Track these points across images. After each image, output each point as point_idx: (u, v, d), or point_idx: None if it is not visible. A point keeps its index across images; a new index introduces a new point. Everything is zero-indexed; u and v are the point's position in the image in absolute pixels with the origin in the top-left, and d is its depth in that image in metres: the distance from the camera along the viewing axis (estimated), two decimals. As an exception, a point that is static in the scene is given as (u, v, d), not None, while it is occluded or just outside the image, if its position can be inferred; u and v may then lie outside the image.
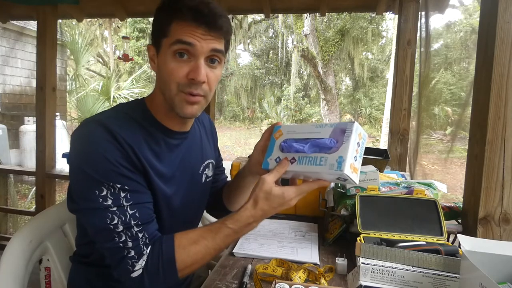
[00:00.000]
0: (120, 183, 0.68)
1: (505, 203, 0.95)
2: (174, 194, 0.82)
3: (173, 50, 0.72)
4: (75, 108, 6.61)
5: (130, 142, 0.71)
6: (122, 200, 0.68)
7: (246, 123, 17.00)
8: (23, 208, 4.23)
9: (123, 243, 0.68)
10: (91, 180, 0.67)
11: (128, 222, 0.68)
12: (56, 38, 2.34)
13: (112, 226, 0.67)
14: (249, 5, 2.30)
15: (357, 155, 0.63)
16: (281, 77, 17.21)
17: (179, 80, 0.73)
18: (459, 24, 13.34)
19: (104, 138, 0.69)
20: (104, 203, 0.67)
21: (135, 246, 0.68)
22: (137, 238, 0.69)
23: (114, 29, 13.10)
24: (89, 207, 0.69)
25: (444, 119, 12.42)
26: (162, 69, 0.75)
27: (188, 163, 0.87)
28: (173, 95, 0.74)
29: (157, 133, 0.79)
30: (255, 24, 15.27)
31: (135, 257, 0.68)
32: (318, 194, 1.35)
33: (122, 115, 0.76)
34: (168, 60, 0.73)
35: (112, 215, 0.67)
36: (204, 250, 0.72)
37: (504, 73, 0.92)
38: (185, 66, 0.73)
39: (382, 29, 14.68)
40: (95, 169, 0.68)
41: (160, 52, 0.75)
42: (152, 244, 0.70)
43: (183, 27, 0.72)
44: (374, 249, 0.75)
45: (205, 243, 0.72)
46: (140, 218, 0.70)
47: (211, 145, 1.03)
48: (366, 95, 16.37)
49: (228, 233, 0.73)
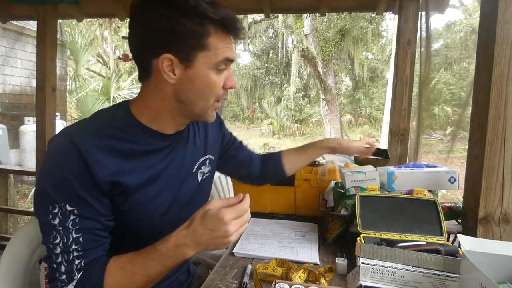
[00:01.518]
0: (72, 205, 0.66)
1: (505, 203, 0.95)
2: (159, 195, 0.79)
3: (217, 66, 0.72)
4: (75, 108, 6.61)
5: (100, 158, 0.68)
6: (69, 223, 0.66)
7: (246, 123, 16.99)
8: (23, 208, 4.23)
9: (57, 265, 0.66)
10: (47, 195, 0.66)
11: (68, 246, 0.66)
12: (56, 38, 2.33)
13: (52, 246, 0.66)
14: (249, 5, 2.30)
15: None
16: (281, 77, 17.21)
17: (218, 92, 0.75)
18: (459, 24, 13.34)
19: (70, 156, 0.67)
20: (52, 221, 0.66)
21: (68, 271, 0.67)
22: (72, 263, 0.67)
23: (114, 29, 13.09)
24: (40, 219, 0.68)
25: (444, 119, 12.42)
26: (199, 82, 0.73)
27: (179, 163, 0.84)
28: (209, 106, 0.76)
29: (142, 138, 0.76)
30: (255, 24, 15.26)
31: (65, 281, 0.66)
32: (318, 194, 1.35)
33: (99, 124, 0.73)
34: (210, 74, 0.73)
35: (56, 233, 0.66)
36: (129, 276, 0.67)
37: (504, 73, 0.92)
38: (222, 77, 0.75)
39: (382, 29, 14.68)
40: (53, 186, 0.66)
41: (193, 65, 0.71)
42: (85, 269, 0.68)
43: (222, 40, 0.71)
44: (374, 249, 0.75)
45: (131, 269, 0.67)
46: (82, 244, 0.67)
47: (210, 139, 0.98)
48: (366, 95, 16.36)
49: (154, 256, 0.66)
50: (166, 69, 0.71)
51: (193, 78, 0.72)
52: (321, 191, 1.35)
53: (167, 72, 0.71)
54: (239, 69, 17.54)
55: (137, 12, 0.72)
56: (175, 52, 0.70)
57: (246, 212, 0.68)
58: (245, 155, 1.14)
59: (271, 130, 13.70)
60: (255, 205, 1.42)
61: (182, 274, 0.98)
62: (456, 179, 1.14)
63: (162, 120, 0.78)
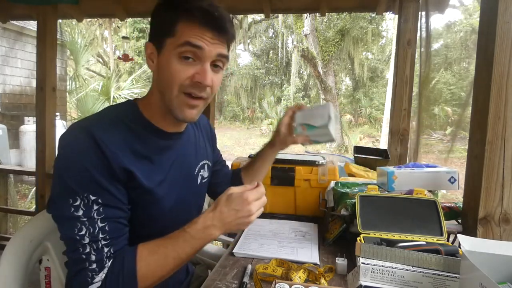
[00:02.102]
0: (95, 195, 0.67)
1: (505, 203, 0.95)
2: (166, 195, 0.81)
3: (179, 52, 0.71)
4: (75, 108, 6.61)
5: (115, 149, 0.69)
6: (93, 213, 0.67)
7: (246, 123, 16.99)
8: (23, 208, 4.23)
9: (86, 255, 0.66)
10: (67, 188, 0.67)
11: (95, 235, 0.67)
12: (56, 38, 2.33)
13: (78, 237, 0.66)
14: (249, 5, 2.30)
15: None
16: (281, 77, 17.23)
17: (182, 82, 0.72)
18: (459, 24, 13.35)
19: (87, 146, 0.67)
20: (75, 213, 0.66)
21: (98, 259, 0.67)
22: (101, 252, 0.67)
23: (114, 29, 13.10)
24: (61, 214, 0.68)
25: (444, 119, 12.43)
26: (164, 69, 0.73)
27: (181, 164, 0.85)
28: (173, 97, 0.74)
29: (148, 135, 0.78)
30: (255, 24, 15.27)
31: (96, 270, 0.66)
32: (318, 194, 1.35)
33: (110, 119, 0.75)
34: (172, 61, 0.72)
35: (81, 225, 0.66)
36: (163, 259, 0.69)
37: (504, 73, 0.92)
38: (190, 68, 0.72)
39: (382, 29, 14.69)
40: (73, 178, 0.67)
41: (162, 51, 0.73)
42: (114, 258, 0.68)
43: (191, 28, 0.70)
44: (374, 249, 0.75)
45: (164, 251, 0.70)
46: (109, 233, 0.68)
47: (207, 147, 1.02)
48: (366, 95, 16.37)
49: (184, 238, 0.70)
50: (149, 57, 0.76)
51: (162, 66, 0.74)
52: (321, 191, 1.35)
53: (149, 60, 0.76)
54: (239, 69, 17.55)
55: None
56: (153, 40, 0.75)
57: (264, 195, 0.76)
58: (227, 171, 1.16)
59: (271, 130, 13.69)
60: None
61: (180, 274, 0.99)
62: (456, 179, 1.14)
63: (158, 115, 0.80)
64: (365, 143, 10.85)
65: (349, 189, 1.22)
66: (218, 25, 0.72)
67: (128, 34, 13.41)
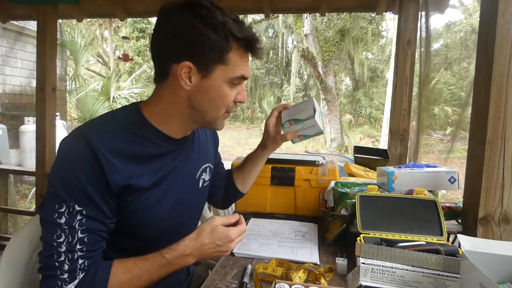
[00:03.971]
0: (81, 206, 0.67)
1: (505, 203, 0.95)
2: (166, 197, 0.81)
3: (232, 81, 0.76)
4: (75, 108, 6.61)
5: (112, 161, 0.69)
6: (76, 223, 0.67)
7: (246, 123, 16.99)
8: (23, 208, 4.23)
9: (59, 263, 0.66)
10: (55, 193, 0.67)
11: (73, 245, 0.67)
12: (56, 38, 2.33)
13: (55, 243, 0.66)
14: (249, 5, 2.30)
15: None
16: (281, 77, 17.22)
17: (229, 104, 0.79)
18: (459, 24, 13.34)
19: (83, 156, 0.67)
20: (58, 219, 0.66)
21: (70, 270, 0.67)
22: (76, 263, 0.67)
23: (114, 29, 13.10)
24: (45, 217, 0.68)
25: (444, 119, 12.42)
26: (212, 93, 0.76)
27: (183, 167, 0.85)
28: (219, 116, 0.80)
29: (152, 141, 0.77)
30: (255, 24, 15.25)
31: (67, 280, 0.67)
32: (318, 194, 1.35)
33: (113, 126, 0.74)
34: (223, 87, 0.76)
35: (61, 232, 0.66)
36: (136, 280, 0.71)
37: (504, 73, 0.92)
38: (234, 91, 0.79)
39: (382, 29, 14.68)
40: (63, 185, 0.67)
41: (210, 76, 0.74)
42: (87, 271, 0.69)
43: (241, 57, 0.75)
44: (374, 249, 0.75)
45: (138, 272, 0.71)
46: (87, 245, 0.68)
47: (211, 149, 1.02)
48: (366, 95, 16.36)
49: (161, 263, 0.72)
50: (184, 75, 0.73)
51: (208, 88, 0.75)
52: (321, 191, 1.35)
53: (184, 78, 0.73)
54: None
55: (165, 16, 0.74)
56: (195, 61, 0.72)
57: (244, 232, 0.81)
58: (224, 172, 1.16)
59: (271, 130, 13.69)
60: (255, 205, 1.42)
61: (181, 273, 0.99)
62: (456, 179, 1.14)
63: (172, 124, 0.80)
64: (365, 143, 10.85)
65: (349, 189, 1.22)
66: (259, 53, 0.78)
67: (128, 34, 13.41)
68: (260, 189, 1.39)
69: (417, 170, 1.17)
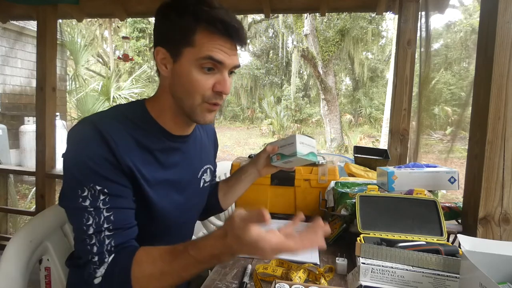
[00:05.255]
0: (101, 185, 0.68)
1: (505, 203, 0.95)
2: (167, 195, 0.81)
3: (200, 63, 0.71)
4: (75, 108, 6.62)
5: (120, 144, 0.70)
6: (99, 202, 0.67)
7: (246, 123, 16.99)
8: (23, 208, 4.23)
9: (90, 247, 0.67)
10: (75, 180, 0.68)
11: (100, 225, 0.67)
12: (56, 38, 2.33)
13: (85, 227, 0.67)
14: (249, 5, 2.30)
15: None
16: (281, 77, 17.22)
17: (204, 92, 0.74)
18: (459, 24, 13.35)
19: (93, 138, 0.69)
20: (83, 203, 0.67)
21: (99, 252, 0.67)
22: (103, 244, 0.67)
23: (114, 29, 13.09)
24: (70, 205, 0.69)
25: (444, 119, 12.42)
26: (183, 78, 0.73)
27: (185, 166, 0.86)
28: (196, 105, 0.75)
29: (155, 135, 0.78)
30: (255, 24, 15.27)
31: (97, 264, 0.67)
32: (318, 194, 1.35)
33: (118, 115, 0.75)
34: (192, 71, 0.72)
35: (88, 215, 0.67)
36: (159, 274, 0.64)
37: (504, 73, 0.92)
38: (210, 78, 0.73)
39: (382, 29, 14.68)
40: (80, 169, 0.68)
41: (179, 60, 0.73)
42: (116, 253, 0.68)
43: (211, 39, 0.70)
44: (374, 249, 0.75)
45: (161, 266, 0.64)
46: (114, 222, 0.68)
47: (211, 151, 1.02)
48: (366, 95, 16.37)
49: (189, 262, 0.62)
50: (160, 61, 0.75)
51: (179, 74, 0.74)
52: (321, 191, 1.35)
53: (160, 65, 0.75)
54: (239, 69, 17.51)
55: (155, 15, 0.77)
56: (166, 46, 0.74)
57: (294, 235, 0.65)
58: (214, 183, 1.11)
59: (271, 130, 13.70)
60: (255, 205, 1.42)
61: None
62: (456, 179, 1.14)
63: (167, 118, 0.80)
64: (365, 143, 10.85)
65: (349, 189, 1.22)
66: (238, 37, 0.73)
67: (128, 34, 13.41)
68: (260, 189, 1.39)
69: (417, 170, 1.17)
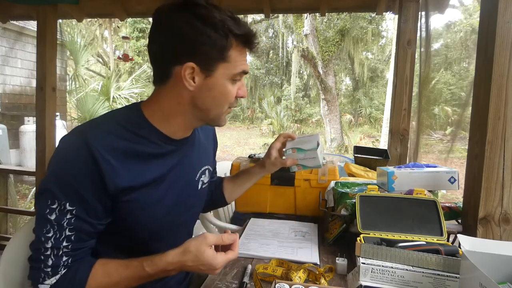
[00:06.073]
0: (73, 206, 0.68)
1: (505, 203, 0.95)
2: (165, 197, 0.81)
3: (234, 77, 0.76)
4: (75, 108, 6.62)
5: (113, 162, 0.69)
6: (64, 221, 0.68)
7: (246, 123, 16.99)
8: (23, 208, 4.23)
9: (44, 257, 0.68)
10: (50, 190, 0.68)
11: (59, 242, 0.68)
12: (56, 38, 2.33)
13: (43, 238, 0.68)
14: (249, 5, 2.30)
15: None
16: (281, 77, 17.22)
17: (231, 100, 0.79)
18: (459, 24, 13.35)
19: (81, 155, 0.68)
20: (48, 215, 0.67)
21: (54, 265, 0.69)
22: (60, 259, 0.69)
23: (114, 29, 13.09)
24: (38, 210, 0.69)
25: (444, 119, 12.42)
26: (215, 91, 0.76)
27: (183, 168, 0.85)
28: (223, 112, 0.81)
29: (150, 138, 0.77)
30: (255, 24, 15.24)
31: (49, 273, 0.69)
32: (318, 194, 1.35)
33: (112, 124, 0.74)
34: (226, 84, 0.76)
35: (50, 227, 0.68)
36: (114, 286, 0.72)
37: (504, 73, 0.92)
38: (236, 86, 0.79)
39: (382, 29, 14.68)
40: (59, 183, 0.68)
41: (213, 74, 0.74)
42: (69, 267, 0.70)
43: (241, 53, 0.76)
44: (374, 249, 0.75)
45: (117, 279, 0.71)
46: (73, 243, 0.70)
47: (210, 152, 1.02)
48: (366, 95, 16.36)
49: (141, 275, 0.71)
50: (187, 76, 0.73)
51: (211, 87, 0.75)
52: (321, 191, 1.35)
53: (188, 79, 0.73)
54: (239, 69, 17.45)
55: (163, 18, 0.74)
56: (198, 61, 0.72)
57: (235, 257, 0.75)
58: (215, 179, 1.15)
59: (271, 130, 13.70)
60: (255, 205, 1.42)
61: (180, 273, 0.98)
62: (456, 179, 1.14)
63: (173, 124, 0.79)
64: (365, 143, 10.85)
65: (349, 189, 1.22)
66: (256, 48, 0.78)
67: (128, 34, 13.40)
68: (260, 189, 1.39)
69: (417, 170, 1.17)
